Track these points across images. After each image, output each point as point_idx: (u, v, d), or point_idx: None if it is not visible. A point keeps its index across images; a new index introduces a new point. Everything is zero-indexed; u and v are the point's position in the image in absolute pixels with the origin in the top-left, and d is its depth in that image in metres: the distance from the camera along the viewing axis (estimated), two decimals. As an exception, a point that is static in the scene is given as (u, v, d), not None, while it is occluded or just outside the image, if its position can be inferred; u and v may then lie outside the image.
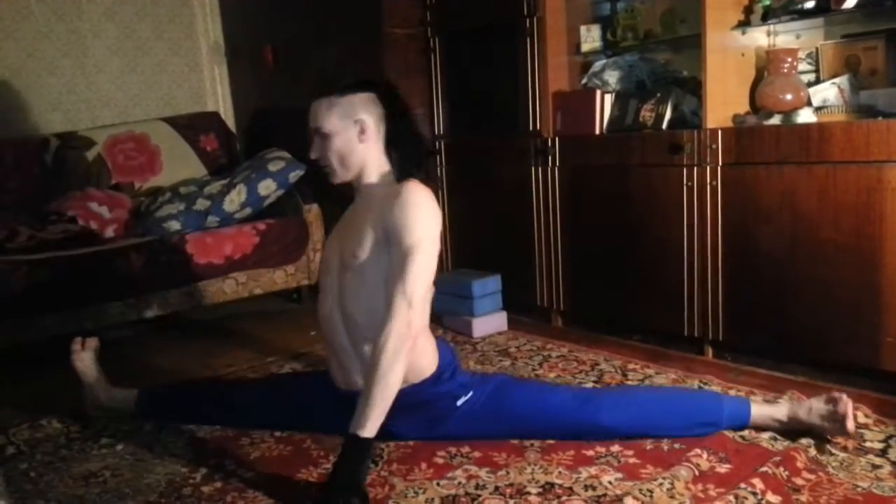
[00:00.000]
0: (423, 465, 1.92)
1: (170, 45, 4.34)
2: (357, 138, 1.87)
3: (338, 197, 3.74)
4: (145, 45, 4.25)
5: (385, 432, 1.78)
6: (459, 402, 1.93)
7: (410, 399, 1.88)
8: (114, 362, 2.49)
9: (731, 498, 1.65)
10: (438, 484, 1.82)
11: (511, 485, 1.81)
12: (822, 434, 1.90)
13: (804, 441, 1.90)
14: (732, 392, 2.27)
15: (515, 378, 2.19)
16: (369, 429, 1.67)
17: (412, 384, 1.90)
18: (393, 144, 1.90)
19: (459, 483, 1.83)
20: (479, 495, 1.77)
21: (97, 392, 2.35)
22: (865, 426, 1.99)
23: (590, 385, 2.43)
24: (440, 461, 1.94)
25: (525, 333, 3.07)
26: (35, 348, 2.94)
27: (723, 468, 1.81)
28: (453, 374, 1.98)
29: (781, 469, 1.76)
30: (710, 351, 2.61)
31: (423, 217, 1.75)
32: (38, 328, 2.97)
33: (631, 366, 2.59)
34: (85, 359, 2.36)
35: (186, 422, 2.27)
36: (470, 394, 1.94)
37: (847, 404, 1.87)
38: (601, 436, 1.94)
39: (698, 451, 1.86)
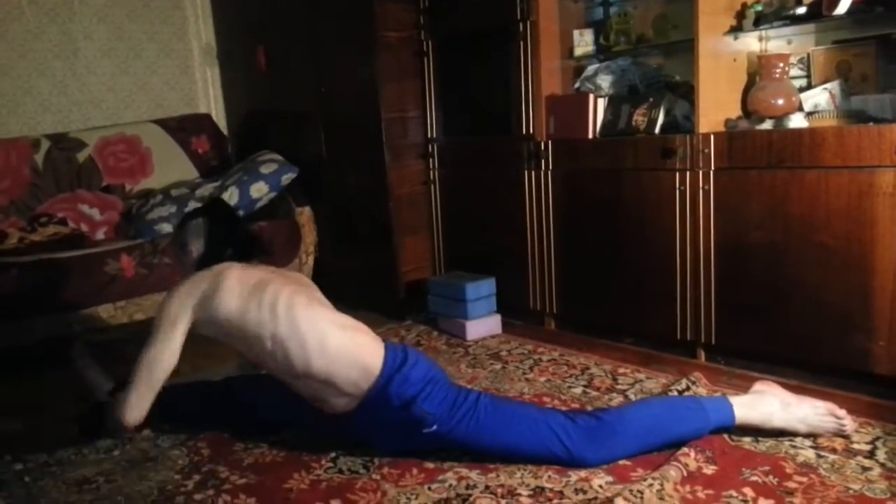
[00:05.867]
0: (415, 470, 1.92)
1: (161, 46, 4.32)
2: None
3: (330, 199, 3.75)
4: (137, 46, 4.24)
5: (371, 445, 2.01)
6: (425, 431, 1.89)
7: (374, 415, 1.92)
8: (104, 365, 2.48)
9: (723, 505, 1.67)
10: (430, 488, 1.83)
11: (502, 485, 1.82)
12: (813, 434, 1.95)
13: (788, 443, 1.93)
14: (718, 394, 2.28)
15: (498, 407, 1.95)
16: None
17: (354, 393, 1.91)
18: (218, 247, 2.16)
19: (450, 485, 1.83)
20: (470, 495, 1.78)
21: (103, 394, 2.34)
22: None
23: (579, 390, 2.43)
24: (430, 465, 1.94)
25: (517, 337, 3.07)
26: (25, 351, 2.92)
27: (710, 469, 1.82)
28: (411, 387, 1.88)
29: (771, 477, 1.77)
30: (702, 354, 2.61)
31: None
32: (27, 331, 2.95)
33: (621, 370, 2.59)
34: (87, 359, 2.38)
35: (187, 422, 2.29)
36: (434, 427, 1.89)
37: (835, 408, 1.95)
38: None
39: (686, 449, 1.88)
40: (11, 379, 2.88)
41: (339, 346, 1.91)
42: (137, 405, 1.97)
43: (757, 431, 1.97)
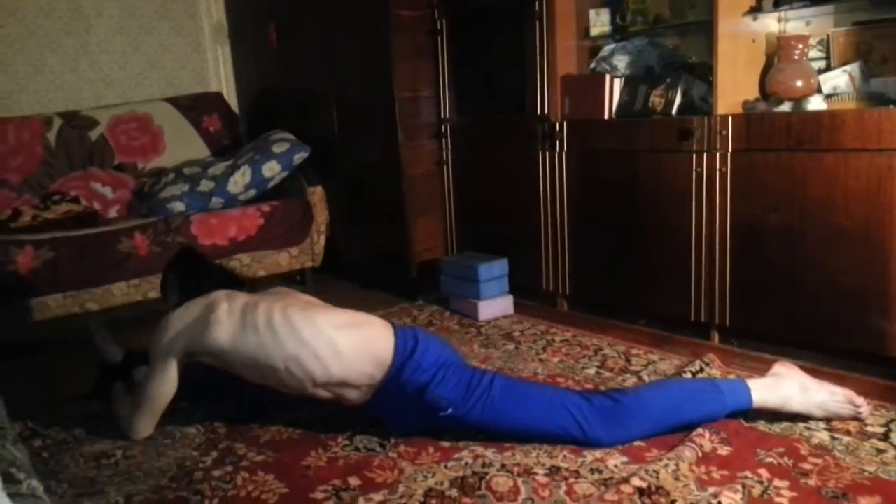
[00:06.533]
0: (431, 449, 1.94)
1: (173, 24, 4.31)
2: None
3: (342, 179, 3.75)
4: (148, 24, 4.22)
5: (388, 424, 2.02)
6: (441, 414, 1.91)
7: (392, 402, 1.95)
8: (121, 340, 2.50)
9: (739, 486, 1.67)
10: (446, 466, 1.84)
11: (518, 464, 1.83)
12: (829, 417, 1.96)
13: (802, 425, 1.93)
14: (732, 376, 2.28)
15: (513, 388, 1.96)
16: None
17: (369, 384, 1.94)
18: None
19: (466, 464, 1.85)
20: (487, 473, 1.80)
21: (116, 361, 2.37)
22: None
23: (592, 371, 2.44)
24: (446, 444, 1.95)
25: (530, 317, 3.08)
26: (38, 329, 2.94)
27: (724, 450, 1.83)
28: (423, 374, 1.90)
29: (786, 459, 1.78)
30: (716, 336, 2.62)
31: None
32: (41, 309, 2.97)
33: (634, 351, 2.60)
34: (105, 333, 2.40)
35: (205, 398, 2.30)
36: (450, 410, 1.90)
37: (853, 395, 1.95)
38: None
39: (700, 430, 1.88)
40: (24, 357, 2.90)
41: (351, 346, 1.92)
42: (145, 427, 2.11)
43: (772, 414, 1.97)
